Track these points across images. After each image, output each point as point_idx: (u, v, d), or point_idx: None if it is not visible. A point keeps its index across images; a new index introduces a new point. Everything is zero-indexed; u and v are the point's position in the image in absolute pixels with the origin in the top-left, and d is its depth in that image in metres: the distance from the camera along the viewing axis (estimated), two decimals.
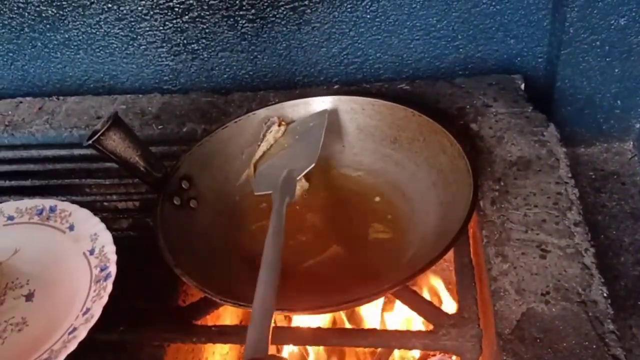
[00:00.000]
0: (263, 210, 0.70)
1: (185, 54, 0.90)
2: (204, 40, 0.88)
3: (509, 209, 0.65)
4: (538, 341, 0.53)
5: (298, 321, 0.80)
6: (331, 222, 0.70)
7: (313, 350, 0.80)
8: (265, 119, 0.75)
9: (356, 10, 0.84)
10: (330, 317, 0.82)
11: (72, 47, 0.91)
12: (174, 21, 0.87)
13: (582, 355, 0.51)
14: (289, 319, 0.83)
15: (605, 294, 0.56)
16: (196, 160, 0.71)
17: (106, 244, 0.62)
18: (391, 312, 0.82)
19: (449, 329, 0.57)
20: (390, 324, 0.82)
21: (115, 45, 0.90)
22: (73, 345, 0.53)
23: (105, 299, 0.56)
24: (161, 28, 0.88)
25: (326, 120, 0.72)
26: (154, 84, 0.93)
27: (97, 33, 0.89)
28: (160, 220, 0.63)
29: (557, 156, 0.70)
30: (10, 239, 0.68)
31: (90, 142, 0.62)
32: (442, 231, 0.60)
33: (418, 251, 0.62)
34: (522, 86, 0.83)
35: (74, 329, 0.55)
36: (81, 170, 0.82)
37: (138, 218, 0.74)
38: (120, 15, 0.87)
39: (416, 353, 0.81)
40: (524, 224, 0.63)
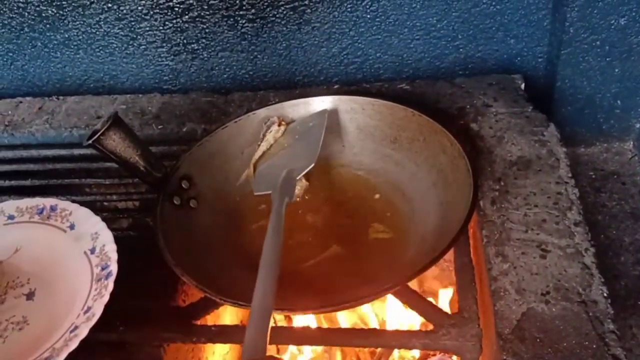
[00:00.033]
0: (263, 210, 0.70)
1: (185, 53, 0.90)
2: (204, 40, 0.88)
3: (509, 209, 0.65)
4: (538, 341, 0.53)
5: (298, 321, 0.80)
6: (331, 222, 0.70)
7: (313, 350, 0.80)
8: (265, 119, 0.75)
9: (356, 10, 0.84)
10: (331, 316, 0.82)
11: (72, 46, 0.91)
12: (174, 21, 0.87)
13: (582, 355, 0.51)
14: (289, 318, 0.83)
15: (605, 294, 0.56)
16: (196, 160, 0.71)
17: (107, 242, 0.62)
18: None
19: (449, 328, 0.57)
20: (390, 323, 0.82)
21: (115, 45, 0.90)
22: (74, 344, 0.53)
23: (106, 297, 0.56)
24: (161, 28, 0.88)
25: (326, 120, 0.72)
26: (153, 83, 0.93)
27: (97, 33, 0.89)
28: (160, 220, 0.63)
29: (557, 156, 0.70)
30: (11, 238, 0.68)
31: (90, 141, 0.62)
32: (442, 231, 0.60)
33: (418, 251, 0.62)
34: (522, 86, 0.83)
35: (75, 328, 0.55)
36: (81, 170, 0.82)
37: (138, 218, 0.74)
38: (120, 15, 0.87)
39: (416, 353, 0.81)
40: (524, 223, 0.63)
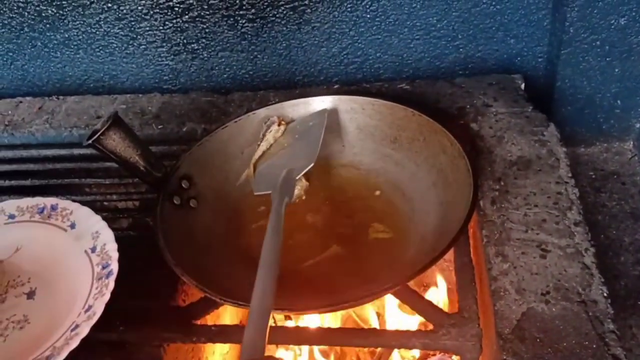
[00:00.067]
0: (263, 209, 0.70)
1: (185, 53, 0.90)
2: (204, 40, 0.88)
3: (509, 209, 0.65)
4: (538, 341, 0.53)
5: (298, 321, 0.80)
6: (331, 222, 0.69)
7: (312, 350, 0.80)
8: (265, 119, 0.75)
9: (356, 10, 0.84)
10: (332, 315, 0.82)
11: (72, 46, 0.91)
12: (174, 21, 0.87)
13: (582, 354, 0.51)
14: (289, 318, 0.83)
15: (605, 294, 0.56)
16: (196, 160, 0.71)
17: (107, 241, 0.62)
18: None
19: (449, 328, 0.57)
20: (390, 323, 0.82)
21: (115, 45, 0.90)
22: (75, 342, 0.53)
23: (107, 296, 0.56)
24: (161, 28, 0.88)
25: (326, 120, 0.72)
26: (153, 83, 0.93)
27: (97, 33, 0.89)
28: (160, 220, 0.63)
29: (557, 156, 0.70)
30: (12, 237, 0.68)
31: (90, 141, 0.62)
32: (442, 231, 0.60)
33: (418, 251, 0.62)
34: (522, 86, 0.83)
35: (76, 326, 0.55)
36: (81, 170, 0.82)
37: (138, 218, 0.74)
38: (120, 15, 0.87)
39: (416, 353, 0.81)
40: (524, 223, 0.63)
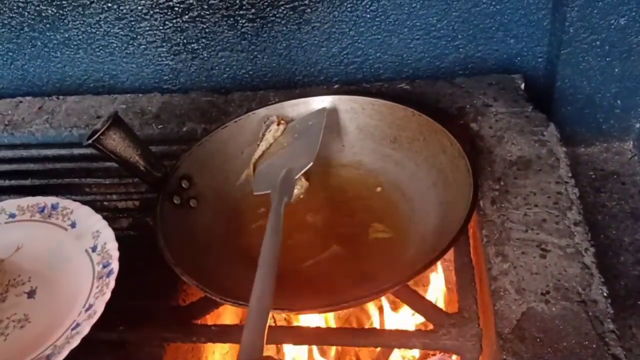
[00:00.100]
0: (263, 209, 0.70)
1: (185, 53, 0.90)
2: (203, 40, 0.88)
3: (509, 209, 0.65)
4: (538, 340, 0.53)
5: (298, 320, 0.80)
6: (331, 222, 0.69)
7: (312, 350, 0.80)
8: (265, 118, 0.75)
9: (356, 10, 0.84)
10: (333, 315, 0.82)
11: (72, 46, 0.91)
12: (174, 21, 0.87)
13: (582, 354, 0.51)
14: (289, 318, 0.83)
15: (605, 294, 0.56)
16: (196, 160, 0.71)
17: (108, 240, 0.62)
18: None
19: (449, 328, 0.57)
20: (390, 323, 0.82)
21: (115, 45, 0.90)
22: (76, 341, 0.53)
23: (107, 295, 0.56)
24: (161, 27, 0.88)
25: (325, 119, 0.72)
26: (153, 83, 0.93)
27: (97, 32, 0.89)
28: (160, 220, 0.63)
29: (557, 156, 0.70)
30: (12, 236, 0.68)
31: (90, 141, 0.62)
32: (442, 231, 0.60)
33: (418, 251, 0.62)
34: (522, 86, 0.83)
35: (77, 325, 0.55)
36: (81, 170, 0.82)
37: (138, 217, 0.74)
38: (120, 15, 0.87)
39: (416, 352, 0.81)
40: (524, 223, 0.63)
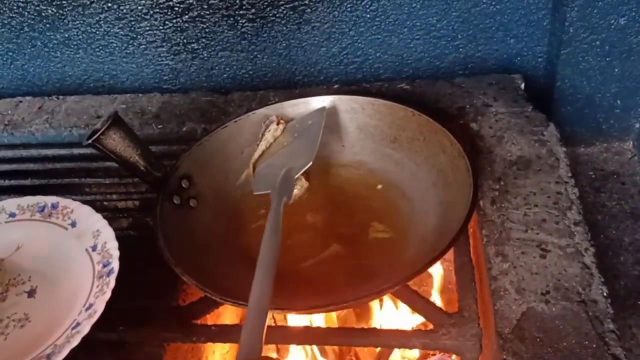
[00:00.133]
0: (263, 209, 0.70)
1: (185, 53, 0.90)
2: (203, 40, 0.88)
3: (509, 209, 0.65)
4: (538, 340, 0.53)
5: (298, 321, 0.80)
6: (331, 222, 0.69)
7: (312, 350, 0.80)
8: (264, 118, 0.75)
9: (356, 10, 0.84)
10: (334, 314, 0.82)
11: (72, 46, 0.91)
12: (174, 20, 0.87)
13: (582, 354, 0.51)
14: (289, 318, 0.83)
15: (605, 294, 0.56)
16: (196, 160, 0.71)
17: (108, 240, 0.62)
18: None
19: (449, 328, 0.57)
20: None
21: (115, 45, 0.90)
22: (76, 340, 0.53)
23: (108, 294, 0.56)
24: (161, 27, 0.88)
25: (324, 118, 0.72)
26: (153, 83, 0.93)
27: (97, 32, 0.89)
28: (160, 220, 0.63)
29: (557, 156, 0.70)
30: (13, 235, 0.68)
31: (90, 141, 0.62)
32: (442, 231, 0.60)
33: (418, 251, 0.62)
34: (522, 86, 0.83)
35: (77, 324, 0.55)
36: (81, 170, 0.82)
37: (138, 217, 0.74)
38: (120, 15, 0.87)
39: (416, 352, 0.81)
40: (524, 223, 0.63)
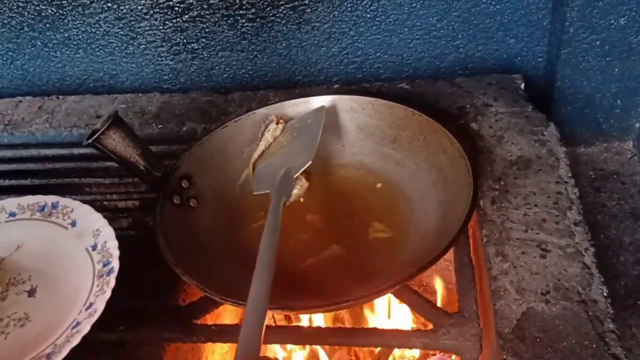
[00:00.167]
0: (263, 209, 0.70)
1: (185, 53, 0.90)
2: (203, 40, 0.88)
3: (509, 209, 0.65)
4: (538, 340, 0.53)
5: (298, 320, 0.80)
6: (331, 221, 0.70)
7: (312, 349, 0.80)
8: (264, 118, 0.75)
9: (356, 10, 0.84)
10: (331, 315, 0.82)
11: (72, 46, 0.91)
12: (174, 20, 0.87)
13: (582, 354, 0.51)
14: (289, 318, 0.83)
15: (605, 294, 0.56)
16: (196, 160, 0.71)
17: (108, 239, 0.62)
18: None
19: (449, 328, 0.57)
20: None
21: (115, 45, 0.90)
22: (76, 340, 0.53)
23: (108, 293, 0.56)
24: (161, 27, 0.87)
25: (324, 117, 0.72)
26: (153, 83, 0.93)
27: (97, 32, 0.89)
28: (160, 220, 0.63)
29: (557, 156, 0.70)
30: (13, 235, 0.68)
31: (90, 141, 0.62)
32: (442, 230, 0.60)
33: (418, 250, 0.62)
34: (522, 86, 0.83)
35: (77, 324, 0.55)
36: (81, 170, 0.82)
37: (138, 217, 0.74)
38: (120, 15, 0.87)
39: (416, 352, 0.81)
40: (524, 223, 0.63)
